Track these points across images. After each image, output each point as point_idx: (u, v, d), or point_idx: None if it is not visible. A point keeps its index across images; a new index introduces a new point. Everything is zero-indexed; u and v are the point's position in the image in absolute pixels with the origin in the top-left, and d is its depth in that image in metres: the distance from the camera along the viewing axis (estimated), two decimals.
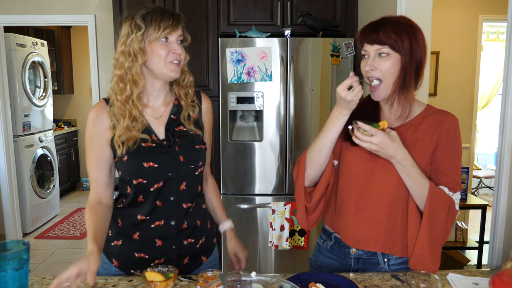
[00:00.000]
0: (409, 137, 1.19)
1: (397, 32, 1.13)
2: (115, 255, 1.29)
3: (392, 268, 1.27)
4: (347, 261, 1.31)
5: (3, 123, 3.66)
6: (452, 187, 1.17)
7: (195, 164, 1.28)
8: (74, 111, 6.05)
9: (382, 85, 1.17)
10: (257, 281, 0.93)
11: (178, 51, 1.21)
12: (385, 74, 1.15)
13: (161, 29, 1.17)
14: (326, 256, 1.36)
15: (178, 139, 1.26)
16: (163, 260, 1.27)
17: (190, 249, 1.30)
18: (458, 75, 3.98)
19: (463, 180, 2.85)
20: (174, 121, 1.28)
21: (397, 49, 1.13)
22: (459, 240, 2.93)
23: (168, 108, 1.29)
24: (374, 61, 1.16)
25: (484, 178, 5.15)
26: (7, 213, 3.79)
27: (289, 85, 2.65)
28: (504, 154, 1.91)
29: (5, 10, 3.47)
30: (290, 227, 2.66)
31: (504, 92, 1.94)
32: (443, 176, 1.18)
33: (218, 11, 2.88)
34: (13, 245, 1.03)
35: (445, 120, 1.22)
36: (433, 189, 1.14)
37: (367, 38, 1.16)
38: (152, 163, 1.21)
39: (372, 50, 1.15)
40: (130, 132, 1.20)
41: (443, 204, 1.14)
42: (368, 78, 1.17)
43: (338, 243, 1.33)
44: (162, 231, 1.26)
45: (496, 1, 3.86)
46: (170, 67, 1.21)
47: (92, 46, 3.52)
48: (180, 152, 1.25)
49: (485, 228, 2.81)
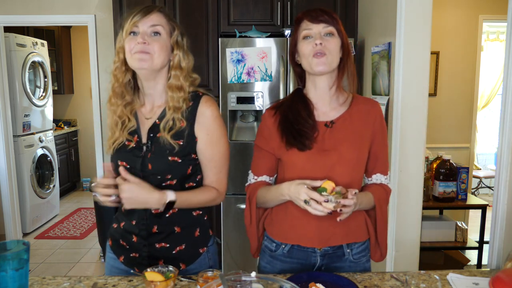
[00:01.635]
0: (349, 127, 1.25)
1: (337, 18, 1.23)
2: (111, 235, 1.36)
3: (356, 257, 1.30)
4: (311, 260, 1.29)
5: (3, 123, 3.66)
6: (385, 170, 1.33)
7: (162, 175, 1.21)
8: (74, 111, 6.05)
9: (328, 57, 1.20)
10: (257, 281, 0.93)
11: (140, 41, 1.16)
12: (331, 51, 1.20)
13: (128, 23, 1.18)
14: (285, 262, 1.31)
15: (154, 147, 1.23)
16: (137, 255, 1.28)
17: (163, 252, 1.28)
18: (458, 75, 3.98)
19: (463, 180, 2.86)
20: (158, 126, 1.24)
21: (338, 32, 1.22)
22: (459, 240, 2.92)
23: (159, 111, 1.27)
24: (321, 38, 1.20)
25: (484, 178, 5.15)
26: (7, 213, 3.79)
27: (289, 85, 2.65)
28: (504, 154, 1.91)
29: (5, 10, 3.47)
30: None
31: (504, 92, 1.94)
32: (379, 162, 1.31)
33: (218, 11, 2.88)
34: (13, 245, 1.03)
35: (374, 107, 1.30)
36: (378, 199, 1.27)
37: (312, 20, 1.21)
38: (125, 163, 1.23)
39: (318, 29, 1.20)
40: (114, 132, 1.25)
41: (386, 201, 1.31)
42: (316, 54, 1.19)
43: (298, 245, 1.29)
44: (135, 228, 1.28)
45: (496, 1, 3.86)
46: (135, 57, 1.18)
47: (92, 46, 3.52)
48: (150, 159, 1.22)
49: (485, 228, 2.81)
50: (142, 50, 1.16)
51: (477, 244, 2.88)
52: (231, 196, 2.75)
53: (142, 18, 1.18)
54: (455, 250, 3.10)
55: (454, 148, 3.90)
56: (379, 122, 1.28)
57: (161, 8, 1.23)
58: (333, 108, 1.28)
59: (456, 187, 2.81)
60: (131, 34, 1.19)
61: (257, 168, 1.35)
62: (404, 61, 2.17)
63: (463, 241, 2.92)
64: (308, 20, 1.22)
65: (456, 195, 2.84)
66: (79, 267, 3.44)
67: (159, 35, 1.20)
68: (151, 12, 1.19)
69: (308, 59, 1.21)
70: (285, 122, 1.26)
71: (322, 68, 1.20)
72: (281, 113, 1.29)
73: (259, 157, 1.34)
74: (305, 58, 1.22)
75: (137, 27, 1.18)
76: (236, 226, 2.79)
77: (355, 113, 1.27)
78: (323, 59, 1.19)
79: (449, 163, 2.78)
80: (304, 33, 1.22)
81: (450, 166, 2.78)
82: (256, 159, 1.36)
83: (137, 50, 1.17)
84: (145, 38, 1.17)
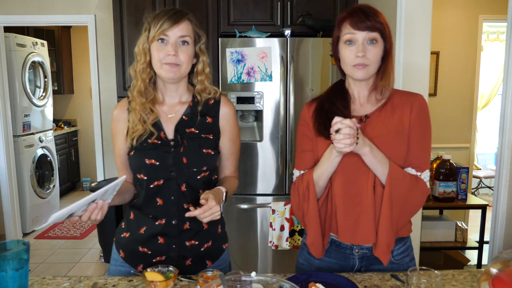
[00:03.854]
0: (384, 121, 1.21)
1: (381, 19, 1.17)
2: (122, 246, 1.33)
3: (397, 258, 1.27)
4: (349, 262, 1.28)
5: (3, 123, 3.66)
6: (419, 165, 1.21)
7: (198, 168, 1.26)
8: (74, 111, 6.05)
9: (368, 68, 1.18)
10: (257, 281, 0.93)
11: (171, 52, 1.19)
12: (373, 61, 1.18)
13: (156, 29, 1.19)
14: (322, 261, 1.30)
15: (186, 141, 1.26)
16: (164, 258, 1.27)
17: (192, 251, 1.29)
18: (458, 75, 3.98)
19: (463, 180, 2.86)
20: (185, 122, 1.28)
21: (383, 35, 1.17)
22: (459, 240, 2.92)
23: (183, 108, 1.30)
24: (364, 47, 1.16)
25: (484, 178, 5.15)
26: (7, 213, 3.79)
27: (289, 85, 2.65)
28: (504, 154, 1.91)
29: (5, 10, 3.47)
30: (290, 227, 2.66)
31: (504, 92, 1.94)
32: (410, 155, 1.20)
33: (218, 11, 2.87)
34: (13, 245, 1.03)
35: (415, 100, 1.23)
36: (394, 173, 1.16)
37: (357, 25, 1.16)
38: (154, 160, 1.23)
39: (361, 36, 1.16)
40: (138, 125, 1.25)
41: (408, 188, 1.17)
42: (357, 65, 1.17)
43: (336, 245, 1.29)
44: (164, 229, 1.27)
45: (496, 1, 3.86)
46: (165, 68, 1.21)
47: (92, 46, 3.52)
48: (184, 153, 1.24)
49: (485, 228, 2.81)
50: (172, 62, 1.20)
51: (477, 244, 2.88)
52: (231, 196, 2.74)
53: (172, 26, 1.20)
54: (455, 250, 3.11)
55: (454, 148, 3.90)
56: (416, 114, 1.20)
57: (189, 16, 1.26)
58: (371, 102, 1.26)
59: (456, 187, 2.81)
60: (159, 41, 1.21)
61: (300, 163, 1.32)
62: (404, 61, 2.18)
63: (463, 241, 2.92)
64: (351, 25, 1.16)
65: (456, 195, 2.84)
66: (79, 267, 3.44)
67: (187, 44, 1.23)
68: (180, 20, 1.21)
69: (348, 66, 1.20)
70: (319, 110, 1.26)
71: (361, 77, 1.20)
72: (318, 103, 1.29)
73: (299, 151, 1.34)
74: (345, 64, 1.21)
75: (167, 35, 1.20)
76: (237, 226, 2.79)
77: (392, 107, 1.23)
78: (364, 70, 1.18)
79: (449, 163, 2.78)
80: (346, 37, 1.18)
81: (450, 166, 2.78)
82: (297, 156, 1.34)
83: (168, 62, 1.20)
84: (176, 50, 1.20)
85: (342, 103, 1.25)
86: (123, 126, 1.30)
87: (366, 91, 1.25)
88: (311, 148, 1.29)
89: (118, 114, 1.32)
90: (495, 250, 1.98)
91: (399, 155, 1.19)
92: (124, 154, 1.31)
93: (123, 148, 1.31)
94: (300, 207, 1.27)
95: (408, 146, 1.20)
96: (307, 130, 1.30)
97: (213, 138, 1.29)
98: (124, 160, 1.31)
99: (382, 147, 1.17)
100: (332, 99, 1.26)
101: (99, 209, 1.09)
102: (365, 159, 1.16)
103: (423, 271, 0.98)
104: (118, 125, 1.31)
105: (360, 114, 1.25)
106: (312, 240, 1.25)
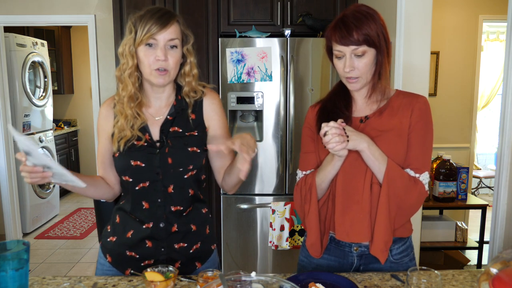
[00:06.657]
0: (384, 122, 1.22)
1: (367, 27, 1.13)
2: (109, 251, 1.31)
3: (396, 258, 1.27)
4: (348, 260, 1.29)
5: (3, 123, 3.66)
6: (417, 167, 1.20)
7: (184, 167, 1.23)
8: (74, 111, 6.05)
9: (360, 79, 1.19)
10: (257, 281, 0.93)
11: (161, 58, 1.16)
12: (363, 72, 1.18)
13: (144, 33, 1.15)
14: (322, 258, 1.32)
15: (170, 140, 1.24)
16: (152, 261, 1.26)
17: (181, 253, 1.28)
18: (458, 75, 3.98)
19: (463, 180, 2.86)
20: (170, 122, 1.26)
21: (371, 44, 1.15)
22: (459, 240, 2.93)
23: (168, 109, 1.28)
24: (351, 61, 1.16)
25: (484, 178, 5.15)
26: (7, 213, 3.79)
27: (289, 85, 2.65)
28: (504, 154, 1.91)
29: (5, 10, 3.47)
30: (290, 227, 2.66)
31: (504, 92, 1.94)
32: (409, 156, 1.20)
33: (218, 11, 2.87)
34: (13, 245, 1.03)
35: (417, 102, 1.23)
36: (391, 171, 1.16)
37: (340, 41, 1.15)
38: (139, 162, 1.22)
39: (348, 51, 1.16)
40: (124, 131, 1.22)
41: (405, 187, 1.17)
42: (348, 78, 1.19)
43: (335, 242, 1.30)
44: (152, 232, 1.25)
45: (496, 1, 3.86)
46: (155, 74, 1.18)
47: (92, 46, 3.52)
48: (169, 153, 1.22)
49: (485, 228, 2.81)
50: (162, 68, 1.17)
51: (477, 244, 2.88)
52: (231, 196, 2.75)
53: (160, 30, 1.15)
54: (455, 250, 3.11)
55: (454, 148, 3.90)
56: (416, 115, 1.20)
57: (177, 17, 1.21)
58: (371, 103, 1.26)
59: (456, 187, 2.81)
60: (146, 46, 1.17)
61: (304, 164, 1.34)
62: (404, 61, 2.18)
63: (463, 241, 2.92)
64: (336, 41, 1.16)
65: (456, 195, 2.84)
66: (79, 267, 3.44)
67: (176, 48, 1.20)
68: (168, 24, 1.16)
69: (342, 78, 1.23)
70: (322, 112, 1.27)
71: (355, 89, 1.23)
72: (322, 104, 1.31)
73: (303, 152, 1.35)
74: (339, 74, 1.23)
75: (155, 39, 1.16)
76: (236, 226, 2.79)
77: (392, 108, 1.23)
78: (356, 83, 1.20)
79: (449, 163, 2.79)
80: (334, 52, 1.20)
81: (450, 166, 2.78)
82: (301, 157, 1.36)
83: (157, 67, 1.17)
84: (165, 54, 1.16)
85: (343, 104, 1.26)
86: (109, 124, 1.28)
87: (364, 95, 1.26)
88: (314, 149, 1.31)
89: (104, 112, 1.30)
90: (495, 250, 1.98)
91: (397, 156, 1.20)
92: (106, 153, 1.29)
93: (106, 147, 1.29)
94: (302, 208, 1.30)
95: (408, 147, 1.21)
96: (310, 132, 1.32)
97: (198, 135, 1.27)
98: (105, 160, 1.30)
99: (380, 148, 1.18)
100: (334, 100, 1.28)
101: (41, 177, 1.06)
102: (363, 155, 1.17)
103: (423, 271, 0.98)
104: (104, 123, 1.29)
105: (360, 115, 1.26)
106: (311, 242, 1.28)
